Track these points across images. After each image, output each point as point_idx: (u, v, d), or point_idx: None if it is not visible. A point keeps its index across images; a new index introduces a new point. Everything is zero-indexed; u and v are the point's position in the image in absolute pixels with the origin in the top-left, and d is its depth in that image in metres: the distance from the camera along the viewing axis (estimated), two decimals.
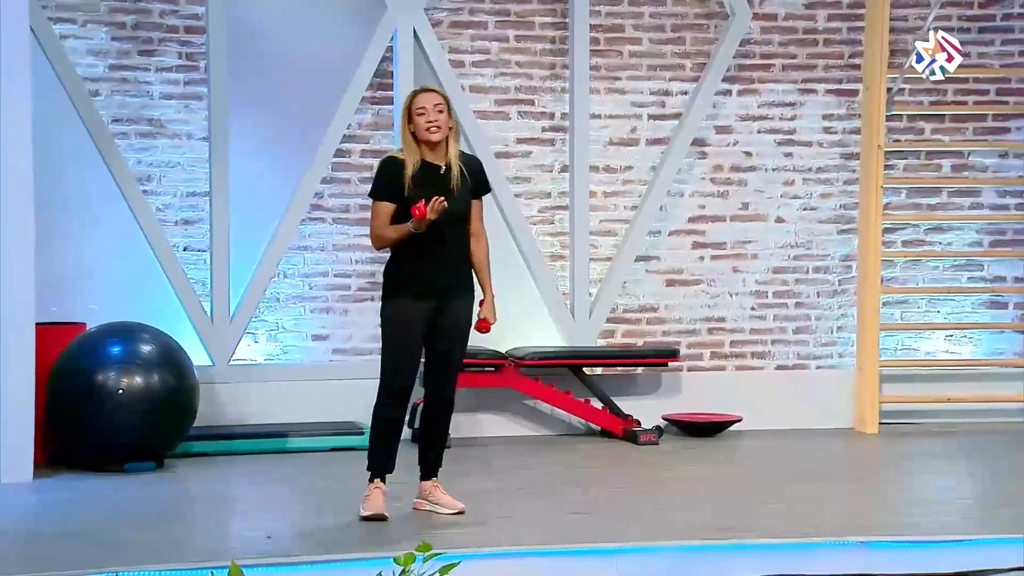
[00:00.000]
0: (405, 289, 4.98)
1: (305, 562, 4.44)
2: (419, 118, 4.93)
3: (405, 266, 4.99)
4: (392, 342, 4.98)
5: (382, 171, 5.00)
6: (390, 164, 4.98)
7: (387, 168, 4.98)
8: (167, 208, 6.96)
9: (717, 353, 7.50)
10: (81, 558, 4.48)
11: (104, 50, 6.81)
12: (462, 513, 5.13)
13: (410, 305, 4.97)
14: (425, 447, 5.20)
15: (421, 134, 4.94)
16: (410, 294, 4.97)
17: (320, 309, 7.14)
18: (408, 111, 4.96)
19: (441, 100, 4.96)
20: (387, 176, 4.95)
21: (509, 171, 7.29)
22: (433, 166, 4.96)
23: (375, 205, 4.99)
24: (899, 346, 7.65)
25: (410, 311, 4.97)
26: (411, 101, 4.97)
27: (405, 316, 4.96)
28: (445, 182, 4.95)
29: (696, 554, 4.70)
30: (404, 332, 4.97)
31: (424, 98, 4.95)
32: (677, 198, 7.47)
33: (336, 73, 7.00)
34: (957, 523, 5.12)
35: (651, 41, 7.40)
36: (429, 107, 4.92)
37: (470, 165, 5.06)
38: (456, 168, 4.97)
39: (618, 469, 6.33)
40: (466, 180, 5.00)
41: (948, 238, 7.67)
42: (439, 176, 4.95)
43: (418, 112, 4.93)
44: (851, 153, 7.56)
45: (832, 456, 6.80)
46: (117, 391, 6.04)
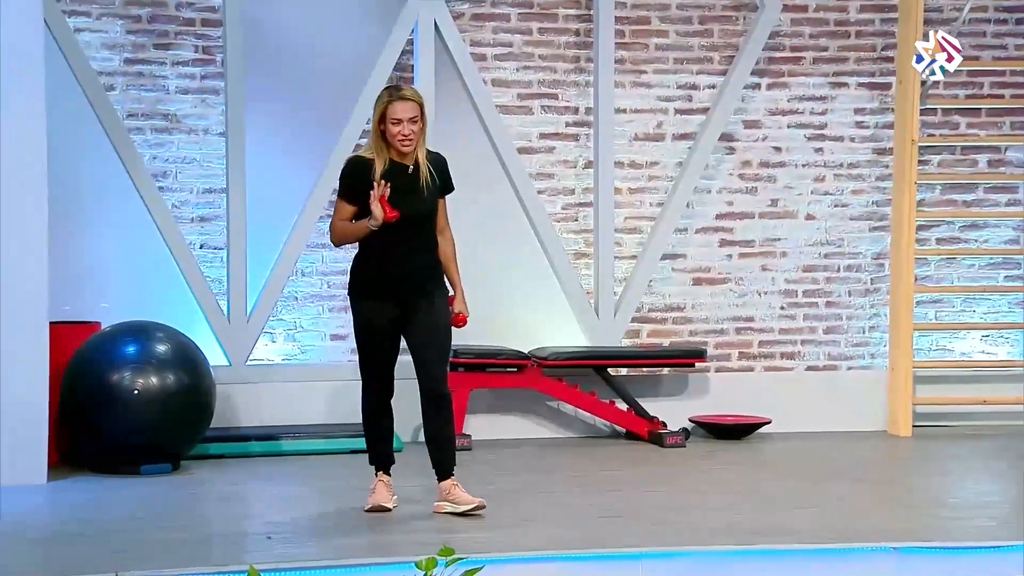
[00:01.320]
0: (372, 290, 5.07)
1: (326, 567, 4.41)
2: (393, 127, 4.98)
3: (372, 265, 5.06)
4: (360, 341, 5.10)
5: (349, 172, 5.06)
6: (358, 165, 5.06)
7: (354, 169, 5.04)
8: (183, 205, 6.94)
9: (745, 354, 7.43)
10: (95, 561, 4.45)
11: (119, 43, 6.80)
12: (482, 507, 5.11)
13: (377, 308, 5.06)
14: (432, 447, 5.18)
15: (392, 142, 4.99)
16: (377, 295, 5.06)
17: (339, 308, 7.09)
18: (382, 115, 4.98)
19: (416, 111, 4.99)
20: (354, 177, 5.02)
21: (532, 167, 7.24)
22: (401, 166, 5.03)
23: (338, 203, 5.08)
24: (933, 346, 7.59)
25: (377, 315, 5.06)
26: (386, 107, 4.99)
27: (371, 319, 5.05)
28: (414, 182, 5.00)
29: (724, 559, 4.65)
30: (371, 333, 5.06)
31: (400, 108, 4.97)
32: (704, 195, 7.40)
33: (355, 67, 6.97)
34: (994, 529, 5.04)
35: (678, 33, 7.35)
36: (404, 120, 4.96)
37: (437, 164, 5.11)
38: (424, 168, 5.03)
39: (643, 472, 6.28)
40: (434, 179, 5.06)
41: (984, 235, 7.59)
42: (407, 176, 5.01)
43: (392, 122, 4.97)
44: (884, 148, 7.50)
45: (864, 459, 6.74)
46: (132, 391, 6.01)
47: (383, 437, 5.22)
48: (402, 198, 4.96)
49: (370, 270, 5.07)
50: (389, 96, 4.99)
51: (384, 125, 4.98)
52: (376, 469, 5.24)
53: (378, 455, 5.23)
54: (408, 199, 4.98)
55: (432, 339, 5.08)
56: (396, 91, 5.02)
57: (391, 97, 4.98)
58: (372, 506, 5.15)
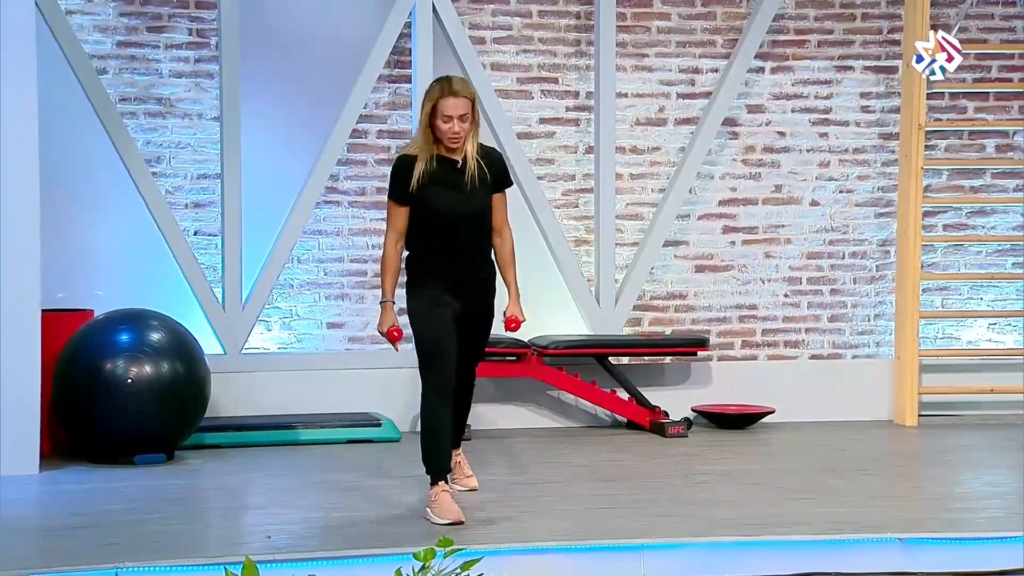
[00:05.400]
0: (430, 286, 4.95)
1: (322, 558, 4.37)
2: (442, 124, 4.87)
3: (426, 264, 4.97)
4: (424, 336, 4.91)
5: (396, 172, 4.98)
6: (403, 164, 4.95)
7: (401, 169, 4.95)
8: (177, 191, 6.88)
9: (748, 342, 7.38)
10: (88, 552, 4.42)
11: (112, 26, 6.74)
12: (475, 491, 5.14)
13: (435, 301, 4.93)
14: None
15: (441, 138, 4.88)
16: (435, 290, 4.94)
17: (335, 296, 7.05)
18: (433, 109, 4.85)
19: (468, 107, 4.87)
20: (401, 177, 4.93)
21: (532, 152, 7.18)
22: (449, 160, 4.92)
23: (390, 206, 4.97)
24: (939, 335, 7.54)
25: (438, 305, 4.93)
26: (437, 101, 4.85)
27: (432, 309, 4.92)
28: (460, 177, 4.90)
29: (728, 551, 4.61)
30: (434, 325, 4.89)
31: (452, 105, 4.84)
32: (707, 180, 7.34)
33: (352, 50, 6.91)
34: (1001, 519, 4.99)
35: (680, 16, 7.28)
36: (455, 116, 4.85)
37: (489, 159, 4.99)
38: (472, 163, 4.91)
39: (645, 462, 6.23)
40: (484, 175, 4.95)
41: (991, 221, 7.53)
42: (454, 171, 4.91)
43: (443, 119, 4.85)
44: (890, 133, 7.44)
45: (869, 449, 6.69)
46: (126, 380, 5.97)
47: (447, 440, 4.93)
48: (447, 194, 4.88)
49: (424, 268, 4.96)
50: (441, 91, 4.85)
51: (434, 119, 4.86)
52: (438, 479, 4.86)
53: (444, 463, 4.91)
54: (454, 195, 4.90)
55: (475, 343, 5.03)
56: (448, 86, 4.86)
57: (442, 93, 4.84)
58: (454, 520, 4.74)
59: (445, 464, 4.94)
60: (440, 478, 4.87)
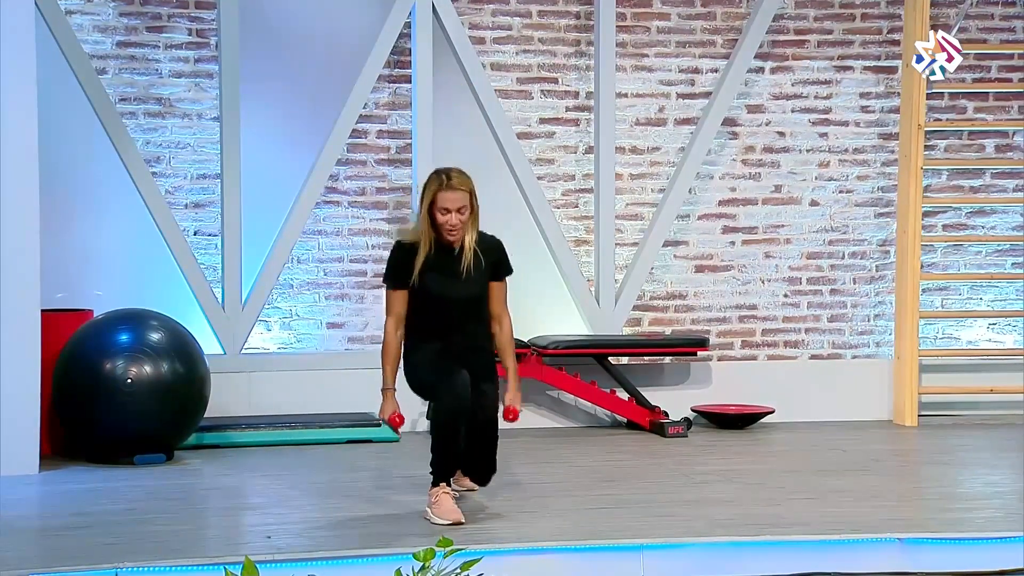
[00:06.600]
0: (430, 345, 5.01)
1: (322, 558, 4.37)
2: (440, 216, 4.95)
3: (427, 331, 5.00)
4: (426, 374, 4.97)
5: (396, 261, 5.04)
6: (403, 251, 5.03)
7: (399, 255, 5.04)
8: (177, 191, 6.88)
9: (748, 342, 7.37)
10: (88, 552, 4.43)
11: (111, 26, 6.74)
12: (473, 491, 5.12)
13: (438, 354, 4.98)
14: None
15: (439, 231, 4.96)
16: (436, 346, 5.00)
17: (335, 296, 7.05)
18: (432, 201, 4.94)
19: (466, 200, 4.95)
20: (399, 263, 5.02)
21: (531, 152, 7.17)
22: (447, 248, 5.00)
23: (388, 292, 5.06)
24: (939, 335, 7.53)
25: (439, 359, 4.96)
26: (436, 194, 4.94)
27: (434, 361, 4.96)
28: (456, 264, 4.97)
29: (727, 551, 4.62)
30: (435, 363, 4.95)
31: (449, 199, 4.92)
32: (707, 180, 7.33)
33: (352, 50, 6.90)
34: (1001, 519, 4.99)
35: (680, 16, 7.27)
36: (453, 209, 4.93)
37: (485, 246, 5.06)
38: (469, 253, 4.99)
39: (645, 462, 6.23)
40: (480, 263, 5.01)
41: (991, 221, 7.52)
42: (451, 258, 4.99)
43: (442, 212, 4.94)
44: (889, 133, 7.43)
45: (869, 449, 6.68)
46: (125, 380, 5.98)
47: (457, 443, 4.92)
48: (444, 280, 4.96)
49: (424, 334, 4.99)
50: (439, 185, 4.94)
51: (434, 210, 4.95)
52: (440, 480, 4.90)
53: (450, 466, 4.93)
54: (450, 281, 4.96)
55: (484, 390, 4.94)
56: (447, 180, 4.95)
57: (440, 186, 4.94)
58: (455, 521, 4.81)
59: (451, 467, 4.96)
60: (443, 479, 4.91)
